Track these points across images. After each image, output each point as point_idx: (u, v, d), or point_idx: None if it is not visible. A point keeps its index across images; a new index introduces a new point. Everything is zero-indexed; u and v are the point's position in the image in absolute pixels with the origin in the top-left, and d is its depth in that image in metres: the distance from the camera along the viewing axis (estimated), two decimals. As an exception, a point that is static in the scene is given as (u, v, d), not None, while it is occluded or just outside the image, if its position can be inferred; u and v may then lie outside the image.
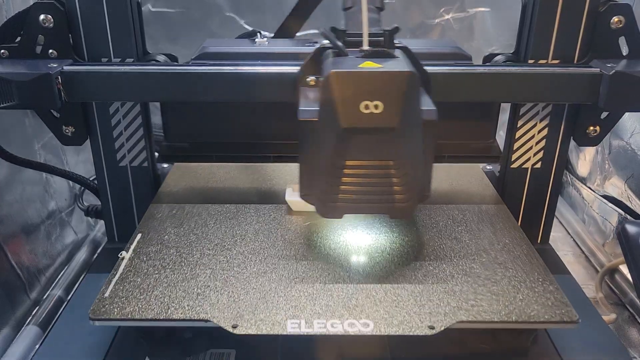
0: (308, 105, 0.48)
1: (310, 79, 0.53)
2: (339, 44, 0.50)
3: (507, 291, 0.49)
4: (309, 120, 0.46)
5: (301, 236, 0.58)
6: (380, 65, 0.46)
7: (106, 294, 0.48)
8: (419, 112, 0.46)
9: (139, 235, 0.57)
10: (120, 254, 0.54)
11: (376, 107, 0.44)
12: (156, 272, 0.52)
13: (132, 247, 0.55)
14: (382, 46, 0.50)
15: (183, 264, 0.53)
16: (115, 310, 0.47)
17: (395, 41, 0.52)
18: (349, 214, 0.51)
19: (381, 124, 0.45)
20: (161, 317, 0.46)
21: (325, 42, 0.52)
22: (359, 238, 0.58)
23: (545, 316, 0.46)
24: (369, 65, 0.46)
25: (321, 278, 0.51)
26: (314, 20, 0.70)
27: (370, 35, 0.50)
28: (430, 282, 0.50)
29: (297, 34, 0.72)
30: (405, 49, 0.52)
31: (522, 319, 0.46)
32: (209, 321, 0.45)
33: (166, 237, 0.57)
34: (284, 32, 0.72)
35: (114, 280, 0.50)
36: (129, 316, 0.46)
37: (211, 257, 0.54)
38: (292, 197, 0.62)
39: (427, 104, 0.47)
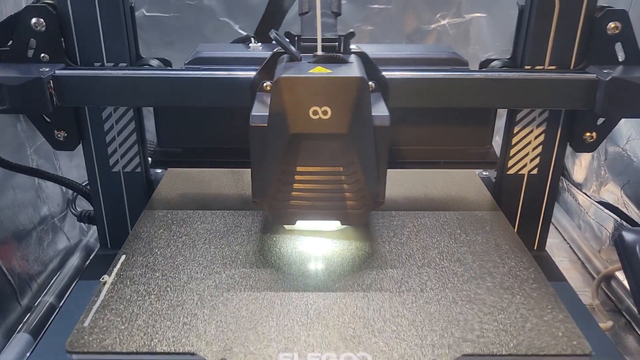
0: (260, 110, 0.48)
1: (266, 84, 0.53)
2: (292, 49, 0.50)
3: (515, 320, 0.46)
4: (259, 125, 0.46)
5: (295, 258, 0.55)
6: (330, 71, 0.46)
7: (85, 324, 0.45)
8: (370, 118, 0.46)
9: (123, 257, 0.54)
10: (102, 278, 0.51)
11: (325, 112, 0.44)
12: (140, 298, 0.48)
13: (115, 270, 0.52)
14: (337, 51, 0.50)
15: (169, 289, 0.50)
16: (95, 342, 0.43)
17: (352, 46, 0.52)
18: (302, 221, 0.50)
19: (330, 130, 0.45)
20: (144, 350, 0.43)
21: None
22: (356, 259, 0.55)
23: (556, 348, 0.44)
24: (319, 70, 0.46)
25: (316, 305, 0.48)
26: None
27: (324, 40, 0.50)
28: (433, 310, 0.47)
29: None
30: (361, 54, 0.52)
31: (531, 352, 0.43)
32: (196, 355, 0.43)
33: (152, 259, 0.54)
34: (261, 34, 0.72)
35: (94, 307, 0.47)
36: (109, 349, 0.43)
37: (199, 282, 0.51)
38: None
39: (379, 110, 0.47)
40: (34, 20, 0.56)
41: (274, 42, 0.51)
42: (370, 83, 0.48)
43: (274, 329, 0.45)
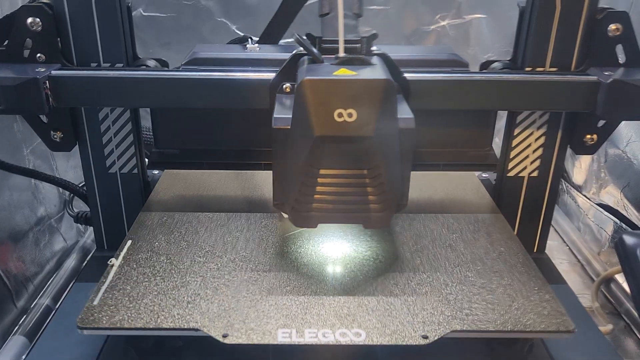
0: (282, 112, 0.47)
1: (286, 85, 0.53)
2: (314, 50, 0.50)
3: (503, 300, 0.49)
4: (282, 128, 0.46)
5: (293, 244, 0.57)
6: (355, 73, 0.45)
7: (95, 302, 0.48)
8: (395, 120, 0.45)
9: (129, 242, 0.57)
10: (110, 261, 0.53)
11: (350, 115, 0.44)
12: (146, 279, 0.51)
13: (122, 254, 0.55)
14: (359, 53, 0.49)
15: (173, 271, 0.52)
16: (104, 319, 0.46)
17: (374, 48, 0.52)
18: (323, 224, 0.50)
19: (355, 132, 0.44)
20: (150, 326, 0.45)
21: (302, 48, 0.51)
22: (352, 246, 0.57)
23: (541, 325, 0.46)
24: (343, 72, 0.45)
25: (313, 286, 0.50)
26: (305, 25, 0.70)
27: (346, 42, 0.49)
28: (424, 291, 0.50)
29: (284, 41, 0.72)
30: (383, 56, 0.52)
31: (517, 328, 0.45)
32: (199, 330, 0.45)
33: (156, 244, 0.57)
34: (268, 37, 0.71)
35: (103, 288, 0.49)
36: (118, 325, 0.45)
37: (202, 265, 0.53)
38: None
39: (404, 112, 0.46)
40: (30, 19, 0.55)
41: (277, 44, 0.50)
42: None
43: (273, 307, 0.47)
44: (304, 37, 0.51)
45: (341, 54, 0.48)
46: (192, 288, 0.50)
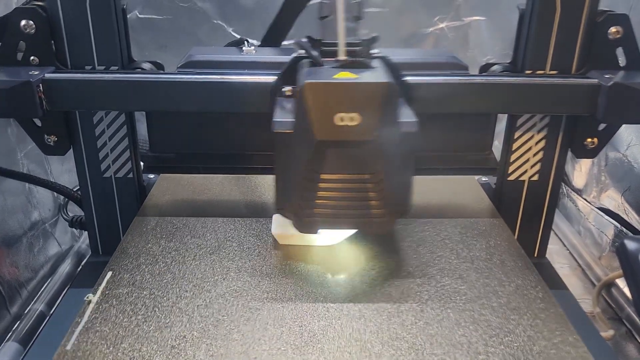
0: (283, 116, 0.46)
1: (287, 89, 0.52)
2: (315, 53, 0.49)
3: (523, 343, 0.44)
4: (283, 132, 0.45)
5: (288, 274, 0.53)
6: (357, 76, 0.44)
7: (68, 347, 0.43)
8: (397, 124, 0.44)
9: (109, 274, 0.52)
10: (87, 297, 0.48)
11: (352, 119, 0.43)
12: (126, 319, 0.46)
13: (101, 288, 0.50)
14: (359, 56, 0.49)
15: (157, 309, 0.47)
16: None
17: (374, 51, 0.51)
18: (325, 229, 0.49)
19: (357, 136, 0.43)
20: None
21: (302, 51, 0.51)
22: (351, 276, 0.52)
23: None
24: (344, 75, 0.44)
25: (310, 326, 0.46)
26: (304, 28, 0.69)
27: (346, 44, 0.48)
28: (434, 332, 0.45)
29: (287, 42, 0.71)
30: (384, 59, 0.51)
31: None
32: None
33: (139, 276, 0.52)
34: (269, 40, 0.71)
35: (78, 329, 0.45)
36: None
37: (188, 301, 0.48)
38: (279, 229, 0.58)
39: (406, 116, 0.46)
40: (23, 22, 0.55)
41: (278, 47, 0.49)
42: None
43: (266, 353, 0.43)
44: (304, 40, 0.50)
45: (342, 57, 0.48)
46: (177, 329, 0.45)
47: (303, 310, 0.48)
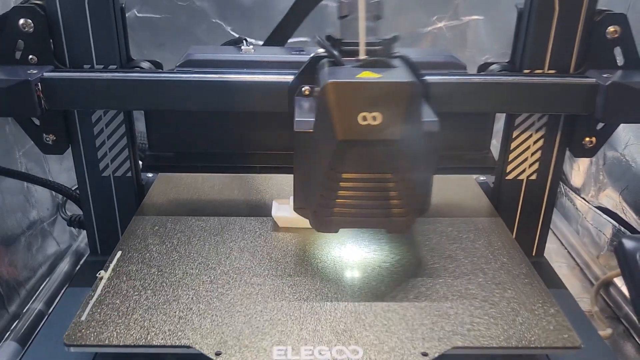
0: (304, 115, 0.47)
1: (305, 88, 0.52)
2: (336, 52, 0.49)
3: (506, 314, 0.47)
4: (304, 131, 0.45)
5: (288, 254, 0.56)
6: (380, 75, 0.44)
7: (82, 318, 0.46)
8: (420, 123, 0.44)
9: (119, 253, 0.55)
10: (99, 274, 0.51)
11: (374, 118, 0.43)
12: (136, 293, 0.49)
13: (112, 265, 0.53)
14: (380, 55, 0.49)
15: (165, 284, 0.51)
16: (92, 335, 0.44)
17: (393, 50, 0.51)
18: (344, 229, 0.49)
19: (380, 136, 0.43)
20: (140, 343, 0.44)
21: (320, 50, 0.51)
22: (348, 256, 0.56)
23: (546, 341, 0.44)
24: (367, 75, 0.44)
25: (308, 300, 0.49)
26: (303, 28, 0.70)
27: (367, 44, 0.48)
28: (423, 305, 0.48)
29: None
30: (404, 58, 0.51)
31: (522, 344, 0.44)
32: (191, 347, 0.43)
33: (147, 255, 0.55)
34: (276, 39, 0.70)
35: (91, 302, 0.48)
36: (107, 342, 0.44)
37: (194, 277, 0.52)
38: (279, 212, 0.61)
39: (428, 115, 0.46)
40: (21, 21, 0.55)
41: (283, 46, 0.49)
42: None
43: (267, 323, 0.46)
44: (324, 39, 0.50)
45: (362, 56, 0.48)
46: (184, 302, 0.48)
47: (302, 286, 0.51)
